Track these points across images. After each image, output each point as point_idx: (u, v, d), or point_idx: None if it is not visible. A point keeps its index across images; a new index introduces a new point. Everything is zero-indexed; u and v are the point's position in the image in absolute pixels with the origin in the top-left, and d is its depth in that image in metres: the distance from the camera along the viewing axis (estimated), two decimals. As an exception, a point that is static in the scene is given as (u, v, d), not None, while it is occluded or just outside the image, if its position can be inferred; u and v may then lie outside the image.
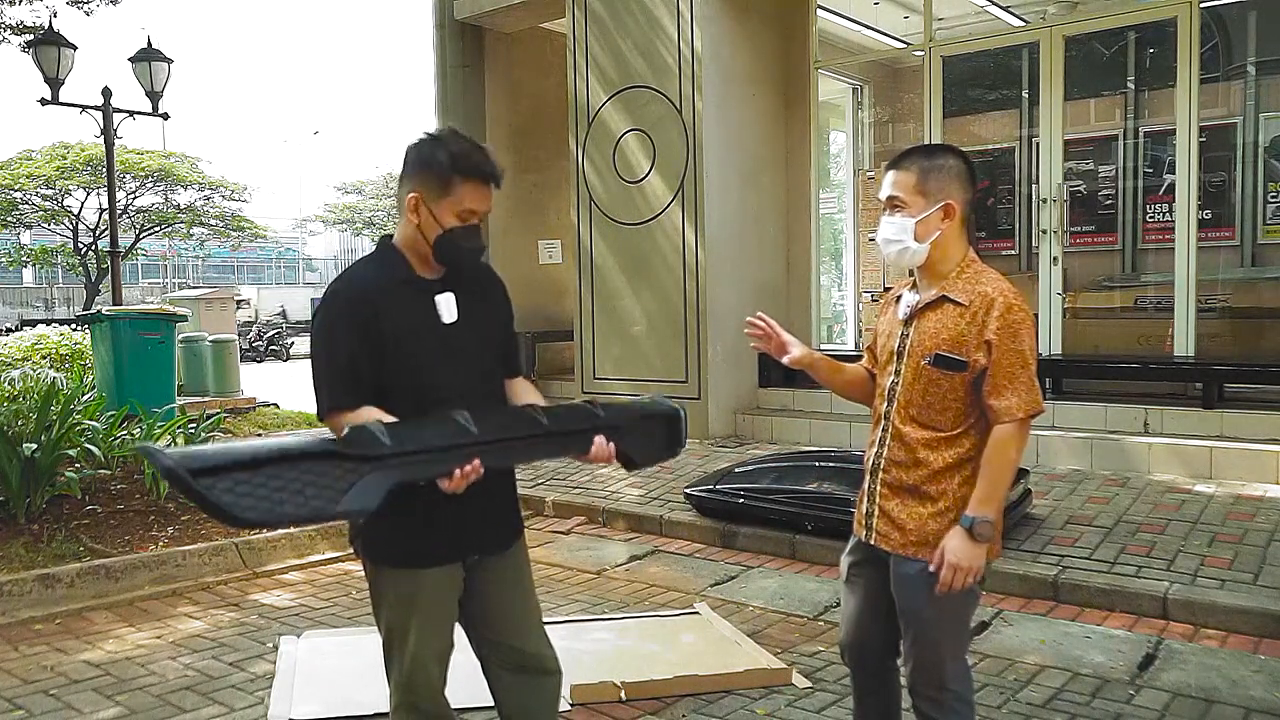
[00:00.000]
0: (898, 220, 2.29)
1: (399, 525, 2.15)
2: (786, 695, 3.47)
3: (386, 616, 2.26)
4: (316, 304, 2.34)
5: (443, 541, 2.21)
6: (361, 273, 2.27)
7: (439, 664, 2.28)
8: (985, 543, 2.19)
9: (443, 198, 2.15)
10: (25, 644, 4.13)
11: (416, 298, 2.21)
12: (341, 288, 2.21)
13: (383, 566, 2.26)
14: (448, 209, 2.15)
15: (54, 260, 31.53)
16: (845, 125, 9.19)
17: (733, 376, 7.97)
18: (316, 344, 2.19)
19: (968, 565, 2.17)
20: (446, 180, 2.14)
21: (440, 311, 2.22)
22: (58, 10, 11.00)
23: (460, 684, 2.39)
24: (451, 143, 2.17)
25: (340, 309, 2.17)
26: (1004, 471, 2.20)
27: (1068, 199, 7.46)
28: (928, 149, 2.37)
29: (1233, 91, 7.46)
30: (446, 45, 10.08)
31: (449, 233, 2.16)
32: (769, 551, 5.30)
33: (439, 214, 2.15)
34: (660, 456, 2.45)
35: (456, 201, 2.15)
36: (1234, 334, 7.30)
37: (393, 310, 2.16)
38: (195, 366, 10.69)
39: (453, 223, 2.16)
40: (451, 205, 2.15)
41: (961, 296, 2.25)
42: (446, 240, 2.17)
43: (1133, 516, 5.15)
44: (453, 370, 2.22)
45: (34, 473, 5.18)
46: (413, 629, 2.23)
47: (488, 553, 2.30)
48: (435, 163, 2.15)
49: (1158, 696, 3.40)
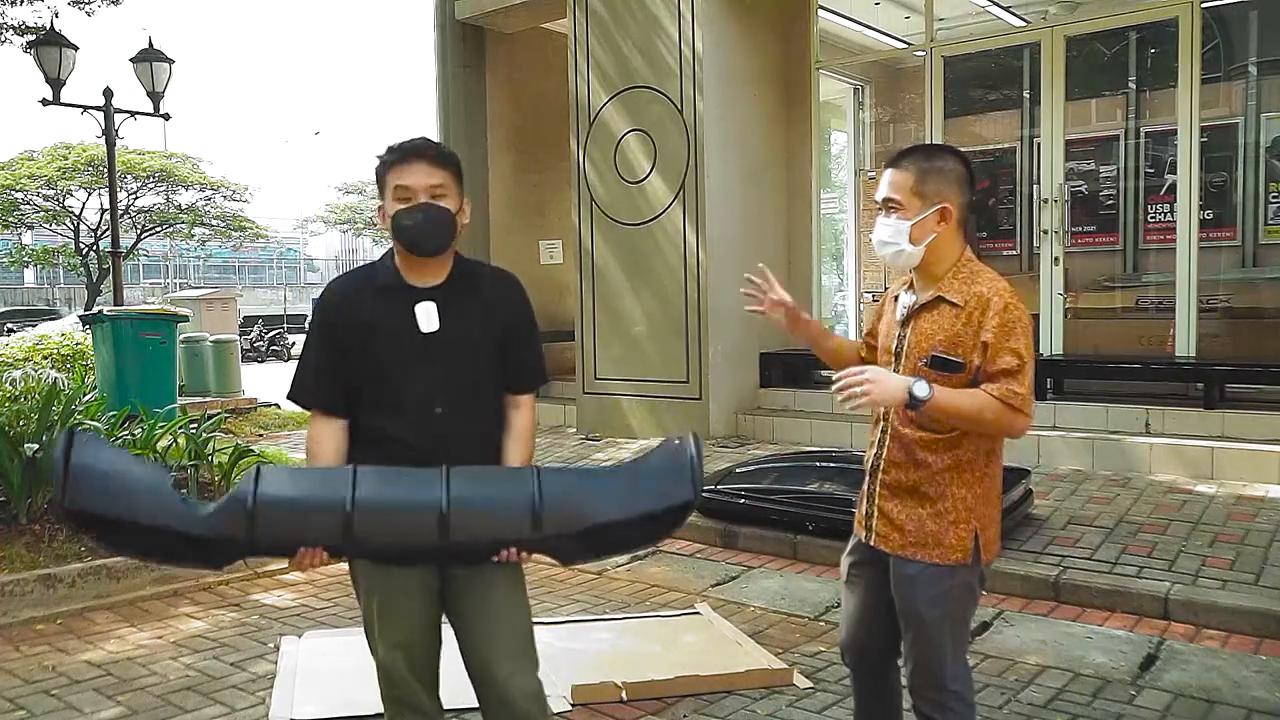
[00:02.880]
0: (893, 222, 2.28)
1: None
2: (787, 696, 3.47)
3: (362, 605, 2.32)
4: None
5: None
6: (349, 277, 2.40)
7: (405, 653, 2.27)
8: (902, 401, 2.13)
9: (384, 191, 2.26)
10: (27, 644, 4.13)
11: (397, 305, 2.25)
12: (329, 289, 2.36)
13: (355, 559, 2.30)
14: (389, 198, 2.25)
15: (55, 261, 31.56)
16: (846, 125, 9.19)
17: (734, 376, 7.97)
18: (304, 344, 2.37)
19: (877, 392, 2.12)
20: (380, 175, 2.28)
21: (419, 320, 2.24)
22: (59, 10, 11.02)
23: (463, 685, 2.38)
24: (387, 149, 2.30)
25: (320, 309, 2.33)
26: (971, 405, 2.14)
27: (1069, 199, 7.46)
28: (926, 150, 2.35)
29: (1234, 91, 7.46)
30: (447, 46, 10.08)
31: (395, 215, 2.23)
32: (770, 552, 5.30)
33: (386, 204, 2.26)
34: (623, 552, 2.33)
35: (389, 186, 2.25)
36: (1235, 334, 7.30)
37: (365, 316, 2.24)
38: (196, 367, 10.71)
39: (395, 207, 2.24)
40: (389, 192, 2.25)
41: (957, 297, 2.24)
42: (395, 223, 2.24)
43: (1134, 517, 5.15)
44: (429, 381, 2.22)
45: (35, 473, 5.18)
46: (375, 618, 2.26)
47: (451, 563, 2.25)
48: (377, 170, 2.30)
49: (1159, 697, 3.40)
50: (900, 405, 2.16)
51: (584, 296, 8.62)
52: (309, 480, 2.13)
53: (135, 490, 2.01)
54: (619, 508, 2.09)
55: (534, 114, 10.52)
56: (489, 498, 2.08)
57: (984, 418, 2.15)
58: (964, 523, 2.24)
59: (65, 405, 5.57)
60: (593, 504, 2.08)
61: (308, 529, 2.03)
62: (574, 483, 2.15)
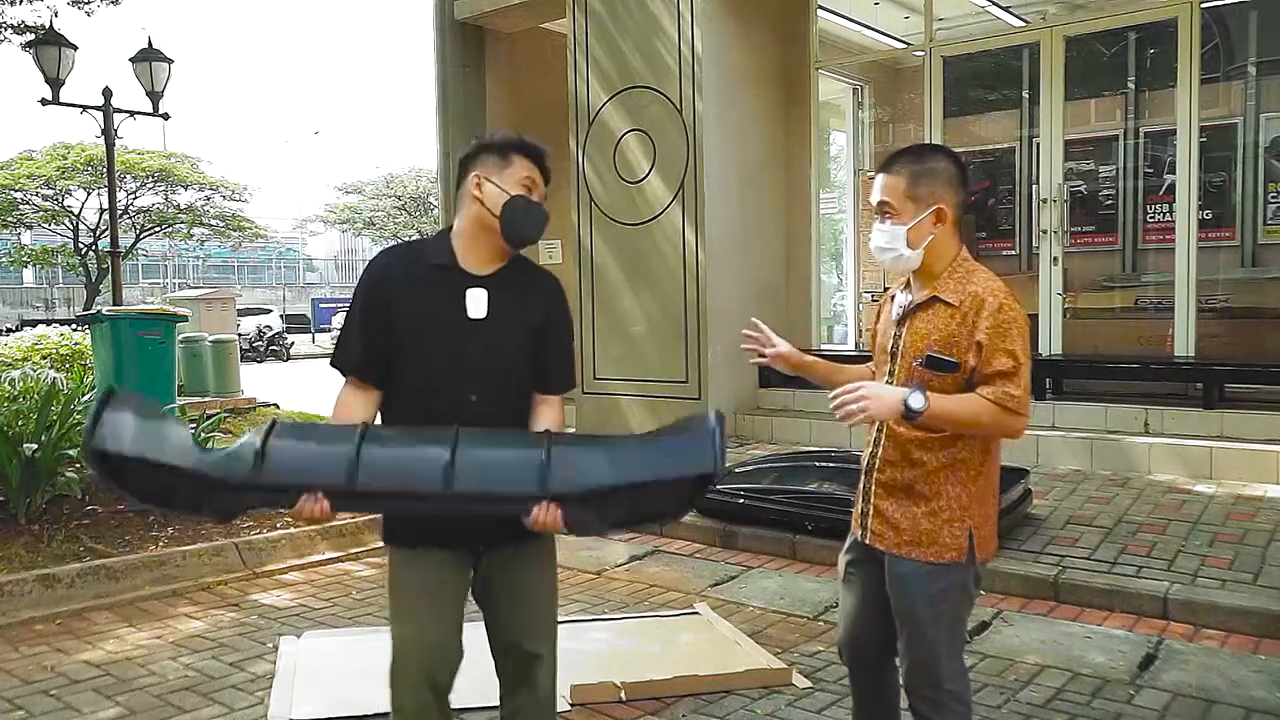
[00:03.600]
0: (889, 228, 2.27)
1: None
2: (786, 695, 3.47)
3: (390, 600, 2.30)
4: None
5: (432, 528, 2.20)
6: (402, 251, 2.37)
7: (423, 658, 2.21)
8: (899, 414, 2.14)
9: (504, 169, 2.23)
10: (25, 644, 4.13)
11: (447, 287, 2.22)
12: (376, 261, 2.33)
13: (388, 547, 2.31)
14: (510, 178, 2.23)
15: (54, 260, 31.51)
16: (845, 125, 9.19)
17: (733, 376, 7.96)
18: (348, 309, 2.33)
19: (873, 407, 2.13)
20: (505, 155, 2.24)
21: (468, 305, 2.21)
22: (58, 10, 10.99)
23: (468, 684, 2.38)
24: (502, 132, 2.31)
25: (364, 281, 2.28)
26: (967, 410, 2.15)
27: (1068, 199, 7.46)
28: (917, 151, 2.33)
29: (1233, 91, 7.46)
30: (447, 46, 10.08)
31: (515, 198, 2.22)
32: (769, 551, 5.30)
33: (503, 183, 2.22)
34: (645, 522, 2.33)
35: (517, 171, 2.23)
36: (1234, 334, 7.30)
37: (413, 293, 2.21)
38: (195, 367, 10.69)
39: (518, 189, 2.22)
40: (513, 174, 2.23)
41: (952, 297, 2.24)
42: (514, 204, 2.21)
43: (1133, 517, 5.15)
44: (468, 368, 2.20)
45: (34, 473, 5.18)
46: (399, 615, 2.25)
47: (486, 545, 2.26)
48: (493, 144, 2.27)
49: (1158, 697, 3.40)
50: (897, 417, 2.17)
51: (583, 296, 8.62)
52: (320, 429, 2.22)
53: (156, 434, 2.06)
54: (633, 473, 2.03)
55: (533, 114, 10.50)
56: (497, 450, 2.08)
57: (981, 422, 2.16)
58: (958, 521, 2.24)
59: (64, 405, 5.56)
60: (604, 466, 2.02)
61: (312, 471, 2.03)
62: (587, 444, 2.17)
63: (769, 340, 2.53)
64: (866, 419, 2.17)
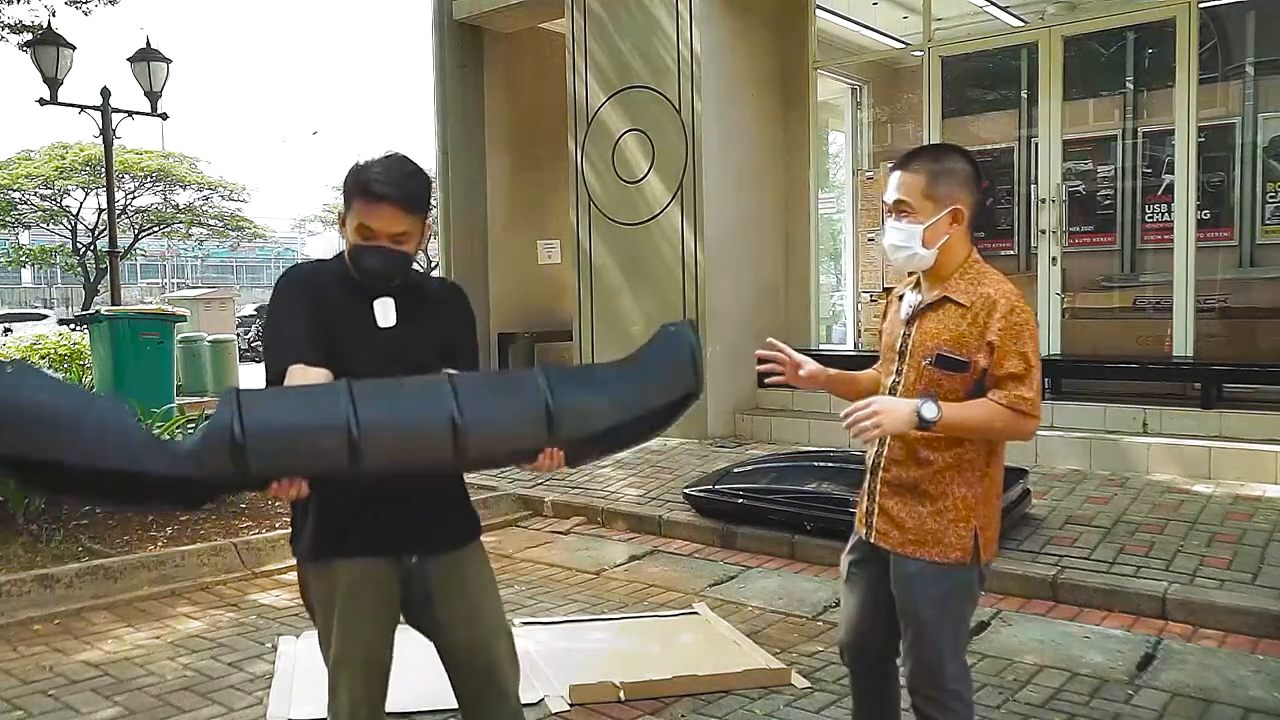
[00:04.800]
0: (904, 226, 2.27)
1: (318, 517, 2.13)
2: (785, 695, 3.47)
3: (317, 618, 2.21)
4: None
5: (356, 536, 2.13)
6: (315, 263, 2.36)
7: (363, 675, 2.17)
8: (913, 425, 2.14)
9: (348, 216, 2.19)
10: (24, 644, 4.12)
11: (356, 297, 2.21)
12: (294, 269, 2.30)
13: (305, 564, 2.21)
14: (350, 227, 2.18)
15: (52, 260, 31.52)
16: (844, 125, 9.18)
17: (732, 376, 7.97)
18: (269, 315, 2.21)
19: (887, 422, 2.14)
20: (349, 202, 2.19)
21: (376, 314, 2.21)
22: (56, 10, 11.00)
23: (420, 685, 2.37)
24: (357, 168, 2.18)
25: (290, 280, 2.24)
26: (980, 416, 2.16)
27: (1066, 199, 7.46)
28: (935, 151, 2.34)
29: (1231, 91, 7.46)
30: (445, 45, 10.07)
31: (353, 250, 2.18)
32: (768, 551, 5.30)
33: (347, 232, 2.19)
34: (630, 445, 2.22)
35: (353, 220, 2.17)
36: (1232, 334, 7.30)
37: (334, 303, 2.20)
38: (194, 366, 10.70)
39: (356, 240, 2.17)
40: (351, 224, 2.18)
41: (963, 297, 2.24)
42: (354, 257, 2.19)
43: (1131, 516, 5.15)
44: (384, 375, 2.13)
45: (33, 473, 5.17)
46: (334, 634, 2.15)
47: (426, 554, 2.21)
48: (345, 186, 2.20)
49: (1156, 696, 3.41)
50: (910, 429, 2.16)
51: (582, 296, 8.62)
52: (297, 400, 1.93)
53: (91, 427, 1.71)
54: (630, 408, 2.06)
55: (532, 114, 10.51)
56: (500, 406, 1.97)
57: (994, 426, 2.17)
58: (964, 521, 2.25)
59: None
60: (606, 408, 2.03)
61: (308, 457, 1.81)
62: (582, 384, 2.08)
63: (791, 359, 2.45)
64: (880, 434, 2.18)
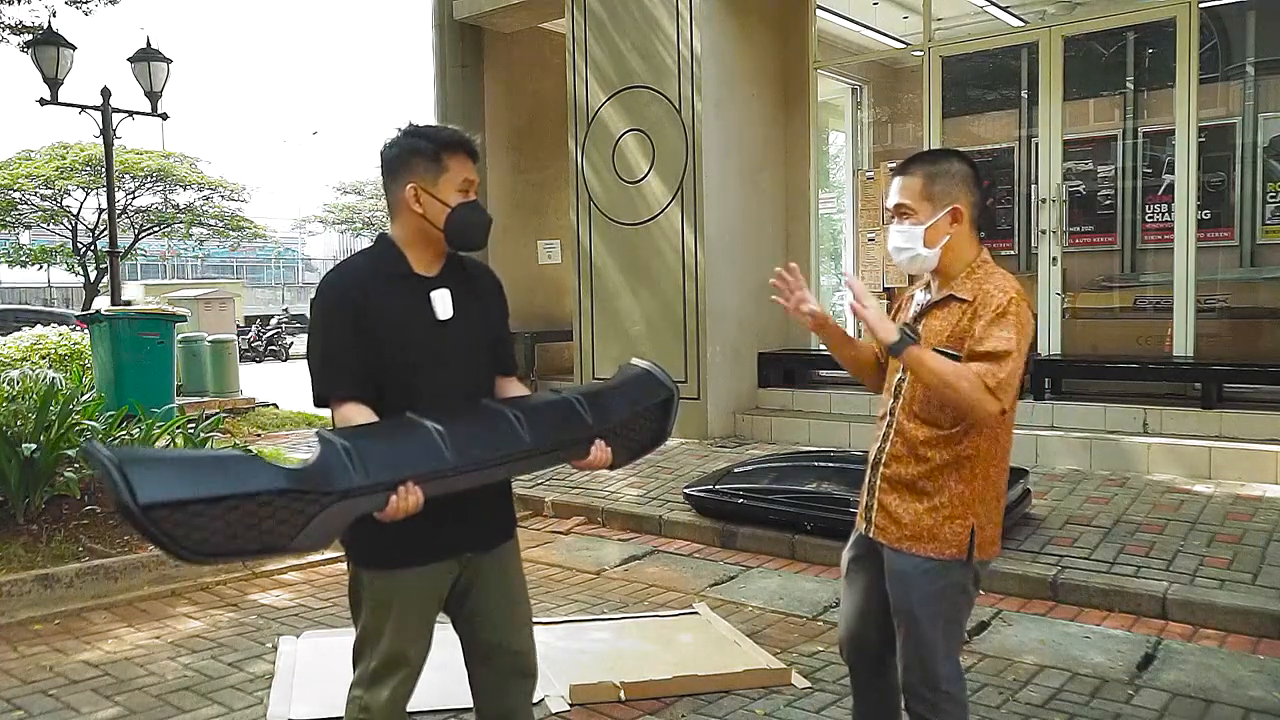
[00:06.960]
0: (906, 228, 2.31)
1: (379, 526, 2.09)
2: (785, 695, 3.47)
3: (364, 617, 2.23)
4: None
5: (422, 544, 2.15)
6: (356, 265, 2.27)
7: (405, 673, 2.21)
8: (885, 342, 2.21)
9: (439, 176, 2.17)
10: (24, 644, 4.13)
11: (411, 293, 2.20)
12: (335, 279, 2.22)
13: (361, 569, 2.23)
14: (447, 186, 2.17)
15: (53, 260, 31.50)
16: (844, 125, 9.19)
17: (732, 376, 7.97)
18: (310, 334, 2.20)
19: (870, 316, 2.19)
20: (438, 160, 2.17)
21: (435, 307, 2.21)
22: (56, 10, 10.98)
23: (434, 686, 2.38)
24: (425, 130, 2.21)
25: (333, 299, 2.18)
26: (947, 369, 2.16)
27: (1067, 199, 7.46)
28: (931, 154, 2.40)
29: (1231, 91, 7.46)
30: (446, 45, 10.07)
31: (457, 209, 2.17)
32: (768, 551, 5.30)
33: (440, 194, 2.17)
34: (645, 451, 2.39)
35: (453, 177, 2.17)
36: (1233, 334, 7.30)
37: (385, 303, 2.16)
38: (194, 366, 10.69)
39: (457, 198, 2.18)
40: (450, 181, 2.17)
41: (966, 294, 2.27)
42: (458, 216, 2.17)
43: (1132, 517, 5.15)
44: (446, 367, 2.19)
45: (33, 473, 5.17)
46: (387, 633, 2.19)
47: (478, 550, 2.26)
48: (421, 149, 2.18)
49: (1156, 696, 3.41)
50: (884, 342, 2.21)
51: (582, 296, 8.62)
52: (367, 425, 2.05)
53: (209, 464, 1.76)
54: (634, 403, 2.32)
55: (532, 114, 10.52)
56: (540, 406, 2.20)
57: (960, 385, 2.14)
58: (960, 518, 2.26)
59: (63, 405, 5.56)
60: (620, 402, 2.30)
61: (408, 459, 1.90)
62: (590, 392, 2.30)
63: (802, 291, 2.48)
64: (859, 318, 2.22)
